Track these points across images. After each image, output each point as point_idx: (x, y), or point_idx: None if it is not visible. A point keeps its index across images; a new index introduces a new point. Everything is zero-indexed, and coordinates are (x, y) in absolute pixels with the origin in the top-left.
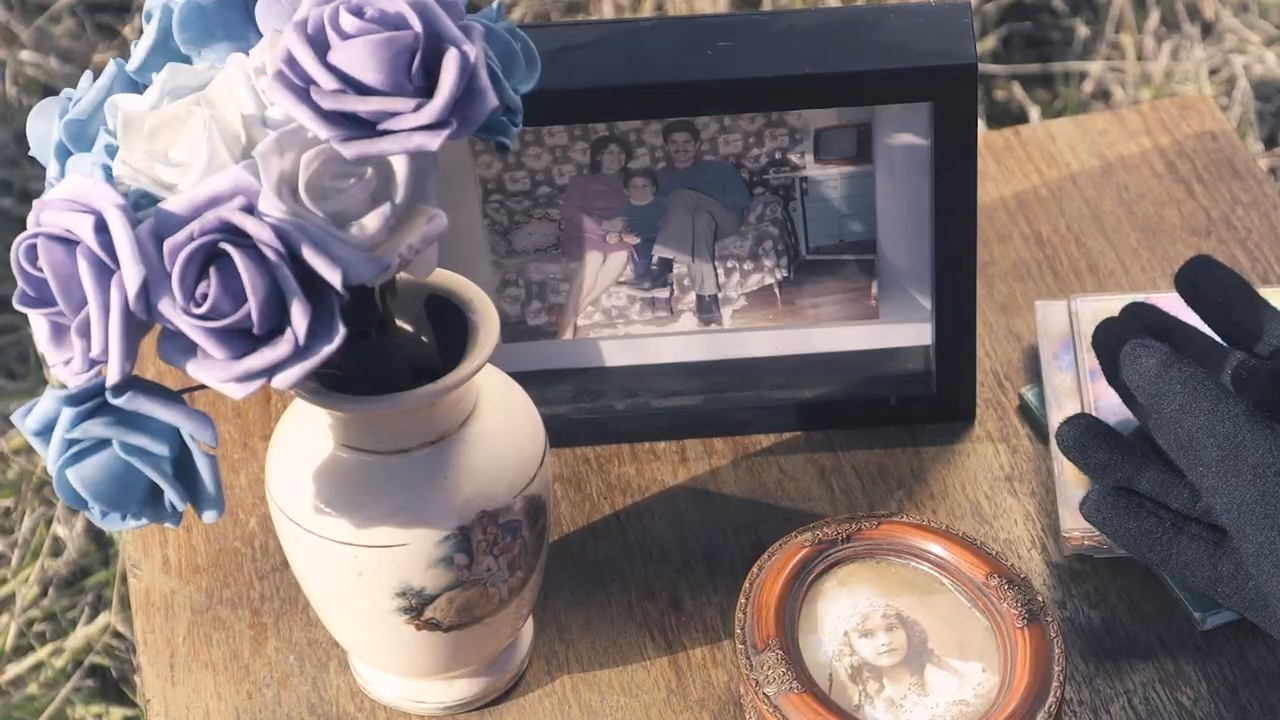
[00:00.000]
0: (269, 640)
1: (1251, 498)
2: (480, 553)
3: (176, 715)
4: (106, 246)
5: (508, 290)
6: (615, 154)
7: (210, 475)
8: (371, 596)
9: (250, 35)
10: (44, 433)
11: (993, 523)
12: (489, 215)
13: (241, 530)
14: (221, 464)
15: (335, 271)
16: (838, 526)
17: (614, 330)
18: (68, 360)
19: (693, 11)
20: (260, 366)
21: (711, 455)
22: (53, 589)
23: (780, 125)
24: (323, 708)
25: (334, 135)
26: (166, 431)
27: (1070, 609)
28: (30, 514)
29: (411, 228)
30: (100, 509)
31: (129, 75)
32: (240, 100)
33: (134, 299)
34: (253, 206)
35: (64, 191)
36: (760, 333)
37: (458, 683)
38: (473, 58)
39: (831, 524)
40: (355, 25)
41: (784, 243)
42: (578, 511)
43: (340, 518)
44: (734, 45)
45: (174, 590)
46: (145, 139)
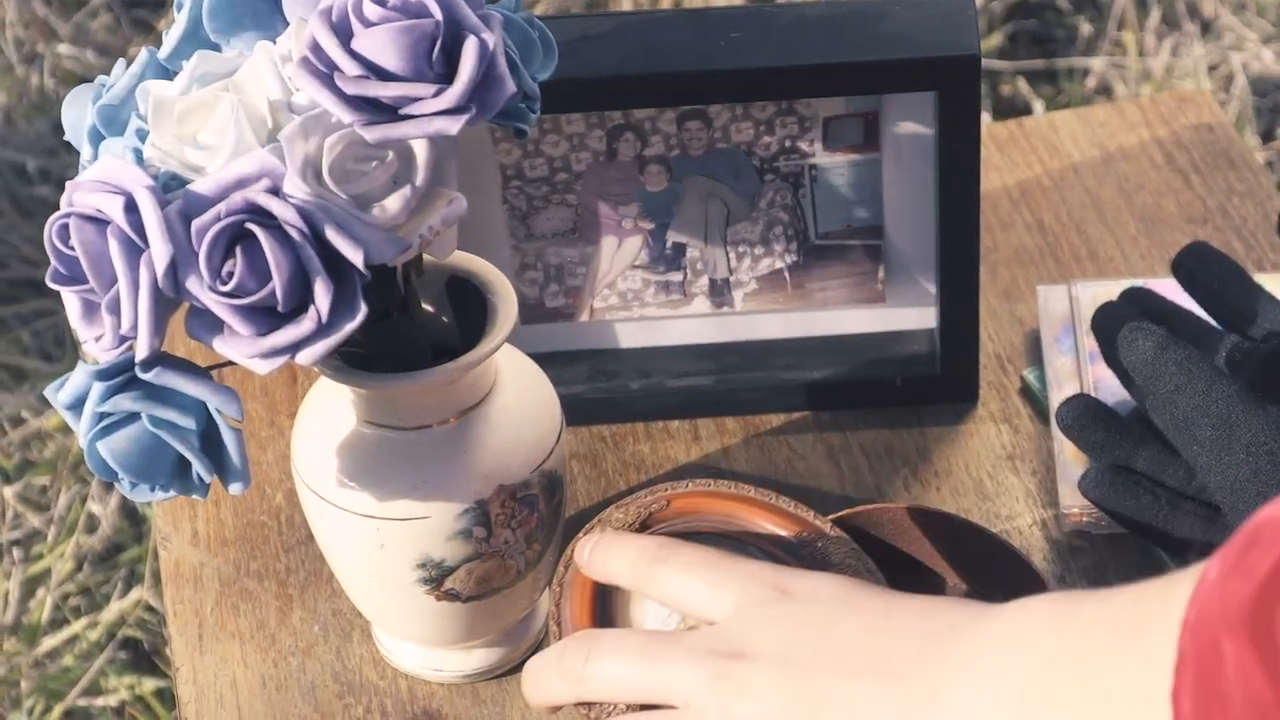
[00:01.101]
0: (294, 611)
1: (1244, 475)
2: (498, 526)
3: (205, 683)
4: (136, 226)
5: (526, 273)
6: (631, 141)
7: (236, 449)
8: (393, 568)
9: (277, 24)
10: (76, 406)
11: (994, 500)
12: (508, 201)
13: (268, 504)
14: (249, 440)
15: (357, 251)
16: (636, 509)
17: (629, 312)
18: (98, 336)
19: (706, 4)
20: (284, 343)
21: (723, 434)
22: (87, 564)
23: (790, 114)
24: (346, 676)
25: (357, 120)
26: (194, 406)
27: (1069, 583)
28: (66, 491)
29: (431, 210)
30: (130, 480)
31: (160, 62)
32: (267, 86)
33: (162, 277)
34: (278, 188)
35: (95, 173)
36: (770, 315)
37: (476, 652)
38: (491, 45)
39: (630, 507)
40: (378, 13)
41: (794, 228)
42: (593, 487)
43: (363, 492)
44: (745, 36)
45: (203, 562)
46: (175, 123)
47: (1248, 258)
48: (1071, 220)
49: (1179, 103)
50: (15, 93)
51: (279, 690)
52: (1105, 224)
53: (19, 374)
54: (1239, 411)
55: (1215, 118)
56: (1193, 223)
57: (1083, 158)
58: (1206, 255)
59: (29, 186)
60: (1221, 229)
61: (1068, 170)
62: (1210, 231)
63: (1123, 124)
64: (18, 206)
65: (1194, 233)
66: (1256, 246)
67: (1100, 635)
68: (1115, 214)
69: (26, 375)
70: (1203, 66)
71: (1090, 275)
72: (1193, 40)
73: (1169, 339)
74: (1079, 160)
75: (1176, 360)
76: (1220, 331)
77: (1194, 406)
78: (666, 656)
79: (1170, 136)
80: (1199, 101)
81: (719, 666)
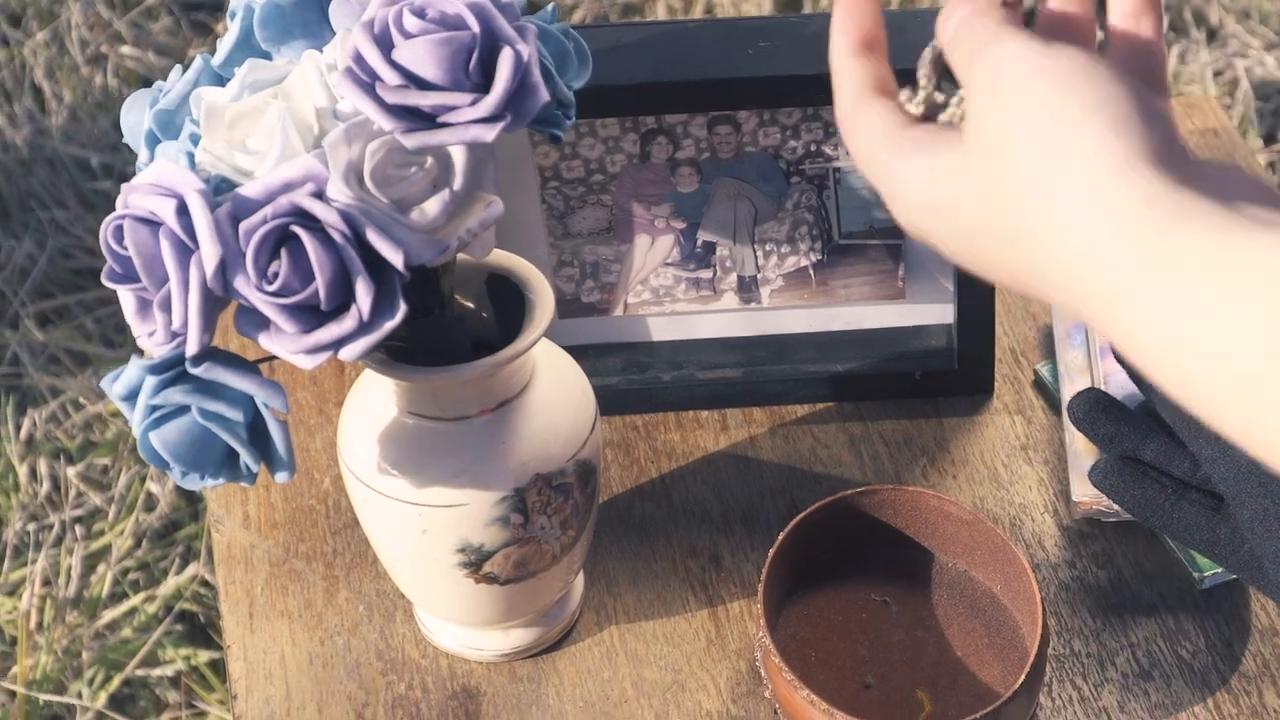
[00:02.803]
0: (340, 591)
1: (1247, 467)
2: (535, 512)
3: (255, 660)
4: (187, 228)
5: (563, 270)
6: (663, 145)
7: (282, 440)
8: (434, 552)
9: (325, 33)
10: (129, 398)
11: (1008, 488)
12: (546, 201)
13: (316, 490)
14: (298, 429)
15: (397, 253)
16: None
17: (661, 308)
18: (151, 332)
19: (736, 14)
20: (327, 340)
21: (750, 424)
22: (146, 541)
23: (816, 119)
24: (389, 654)
25: (397, 127)
26: (242, 399)
27: (1079, 568)
28: (126, 471)
29: (470, 213)
30: (181, 469)
31: (214, 69)
32: (313, 94)
33: (211, 276)
34: (322, 192)
35: (149, 176)
36: (796, 311)
37: (513, 632)
38: (526, 56)
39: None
40: (417, 25)
41: (818, 228)
42: (626, 474)
43: (406, 479)
44: (773, 45)
45: (253, 544)
46: (226, 128)
47: None
48: None
49: (1186, 107)
50: (80, 91)
51: (325, 667)
52: None
53: (82, 359)
54: None
55: (1220, 122)
56: None
57: None
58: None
59: (92, 180)
60: None
61: None
62: None
63: None
64: (82, 199)
65: None
66: None
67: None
68: None
69: (89, 361)
70: (1208, 72)
71: None
72: (1199, 47)
73: None
74: None
75: None
76: None
77: None
78: None
79: None
80: (1204, 106)
81: None
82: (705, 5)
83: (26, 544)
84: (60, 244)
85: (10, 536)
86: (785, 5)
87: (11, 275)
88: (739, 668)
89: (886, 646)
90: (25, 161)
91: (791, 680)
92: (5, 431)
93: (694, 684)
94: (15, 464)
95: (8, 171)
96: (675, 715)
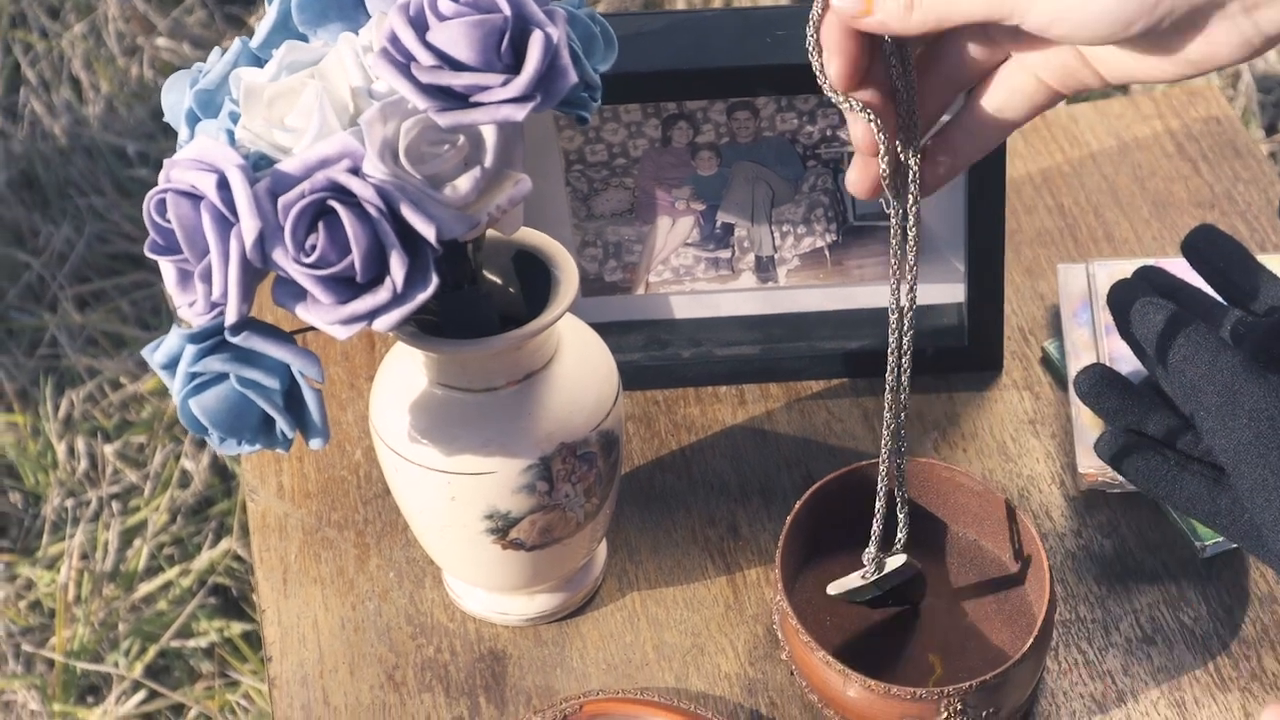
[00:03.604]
0: (371, 558)
1: (1247, 439)
2: (560, 480)
3: (289, 624)
4: (227, 202)
5: (587, 250)
6: (684, 129)
7: (316, 407)
8: (463, 519)
9: (360, 16)
10: (170, 366)
11: (1017, 461)
12: (571, 183)
13: (348, 460)
14: (330, 401)
15: (430, 227)
16: (552, 713)
17: (681, 286)
18: (192, 302)
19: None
20: (362, 311)
21: (767, 398)
22: (180, 516)
23: (831, 105)
24: (419, 618)
25: (431, 106)
26: (278, 367)
27: (1085, 537)
28: (161, 449)
29: (499, 190)
30: (219, 435)
31: (252, 51)
32: (349, 74)
33: (251, 249)
34: (358, 168)
35: (191, 152)
36: (811, 290)
37: (539, 597)
38: (555, 39)
39: (546, 712)
40: (451, 8)
41: (833, 210)
42: (647, 447)
43: (436, 448)
44: (789, 34)
45: (287, 513)
46: (265, 107)
47: (1251, 239)
48: (1089, 204)
49: (1189, 97)
50: (117, 82)
51: (357, 631)
52: (1120, 208)
53: (119, 341)
54: (1242, 380)
55: (1222, 111)
56: (1201, 207)
57: (1100, 147)
58: (1213, 237)
59: (129, 168)
60: (1227, 213)
61: (1086, 159)
62: (1217, 215)
63: (1137, 116)
64: (119, 187)
65: (1202, 216)
66: (1259, 229)
67: None
68: (1130, 199)
69: (125, 342)
70: None
71: (1106, 255)
72: None
73: (1178, 313)
74: (1097, 149)
75: (1185, 333)
76: (1225, 307)
77: (1201, 375)
78: None
79: (1181, 128)
80: (1208, 96)
81: None
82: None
83: (65, 519)
84: (97, 229)
85: (49, 512)
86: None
87: (50, 260)
88: (756, 632)
89: (899, 611)
90: (64, 150)
91: (808, 641)
92: (44, 410)
93: (713, 647)
94: (54, 442)
95: (47, 159)
96: (695, 677)
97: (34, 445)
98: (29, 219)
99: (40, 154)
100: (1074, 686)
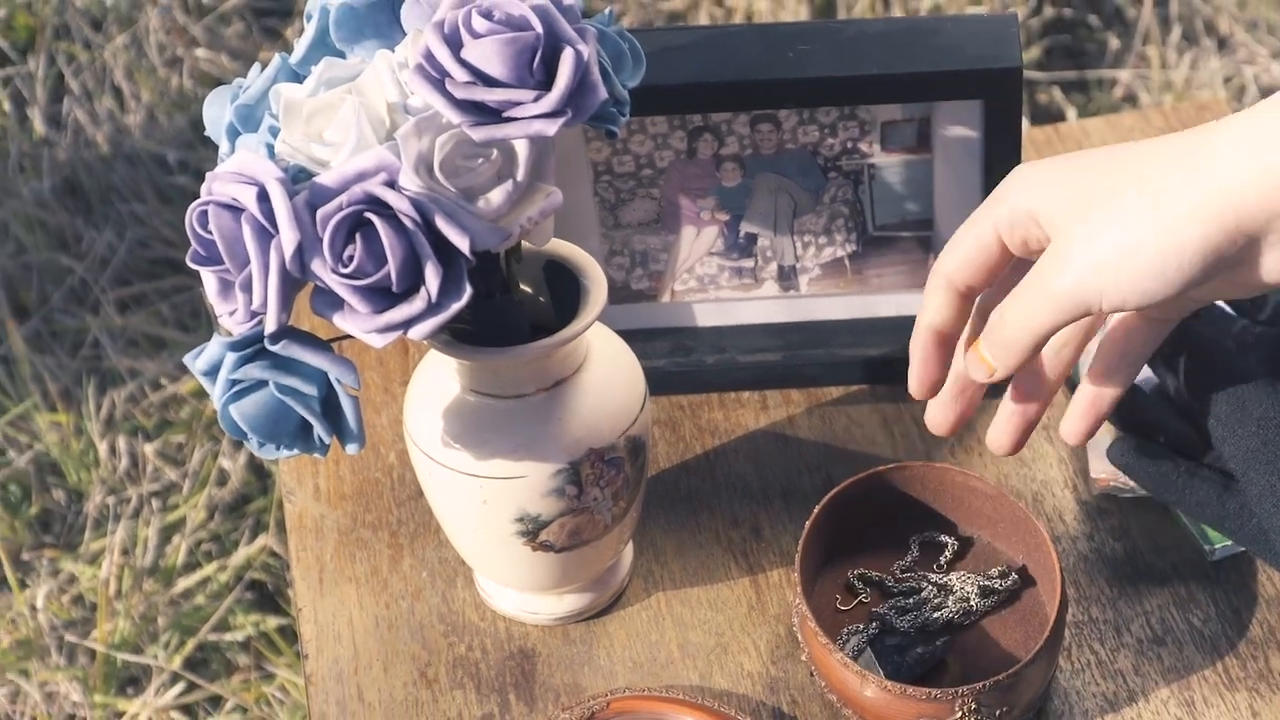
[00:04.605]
0: (405, 559)
1: (1255, 446)
2: (588, 484)
3: (324, 622)
4: (267, 214)
5: (614, 259)
6: (709, 141)
7: (353, 413)
8: (494, 521)
9: (396, 34)
10: (211, 373)
11: (1031, 466)
12: (599, 194)
13: (382, 463)
14: (366, 406)
15: (464, 239)
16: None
17: (705, 295)
18: (232, 311)
19: (776, 19)
20: (398, 320)
21: (789, 404)
22: (218, 514)
23: (851, 118)
24: (451, 617)
25: (465, 121)
26: (316, 375)
27: (1097, 540)
28: (200, 448)
29: (531, 202)
30: (258, 440)
31: (291, 67)
32: (386, 90)
33: (290, 259)
34: (394, 181)
35: (232, 165)
36: (832, 298)
37: (567, 597)
38: (586, 56)
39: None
40: (485, 26)
41: (853, 220)
42: (673, 451)
43: (468, 453)
44: (812, 49)
45: (323, 514)
46: (303, 122)
47: None
48: None
49: (1197, 110)
50: (158, 92)
51: (390, 629)
52: None
53: (159, 343)
54: (1251, 389)
55: None
56: None
57: None
58: None
59: (169, 176)
60: None
61: None
62: None
63: (1147, 129)
64: (159, 194)
65: None
66: None
67: None
68: None
69: (165, 344)
70: (1218, 78)
71: None
72: (1209, 55)
73: (1188, 324)
74: None
75: (1195, 342)
76: (1233, 317)
77: (1211, 384)
78: None
79: None
80: (1216, 109)
81: None
82: (746, 12)
83: (106, 516)
84: (139, 235)
85: (91, 509)
86: (822, 11)
87: (93, 264)
88: (778, 632)
89: None
90: (106, 158)
91: (826, 644)
92: (87, 410)
93: (735, 647)
94: (96, 441)
95: (90, 167)
96: (718, 675)
97: (77, 444)
98: (73, 225)
99: (83, 161)
100: (1086, 686)
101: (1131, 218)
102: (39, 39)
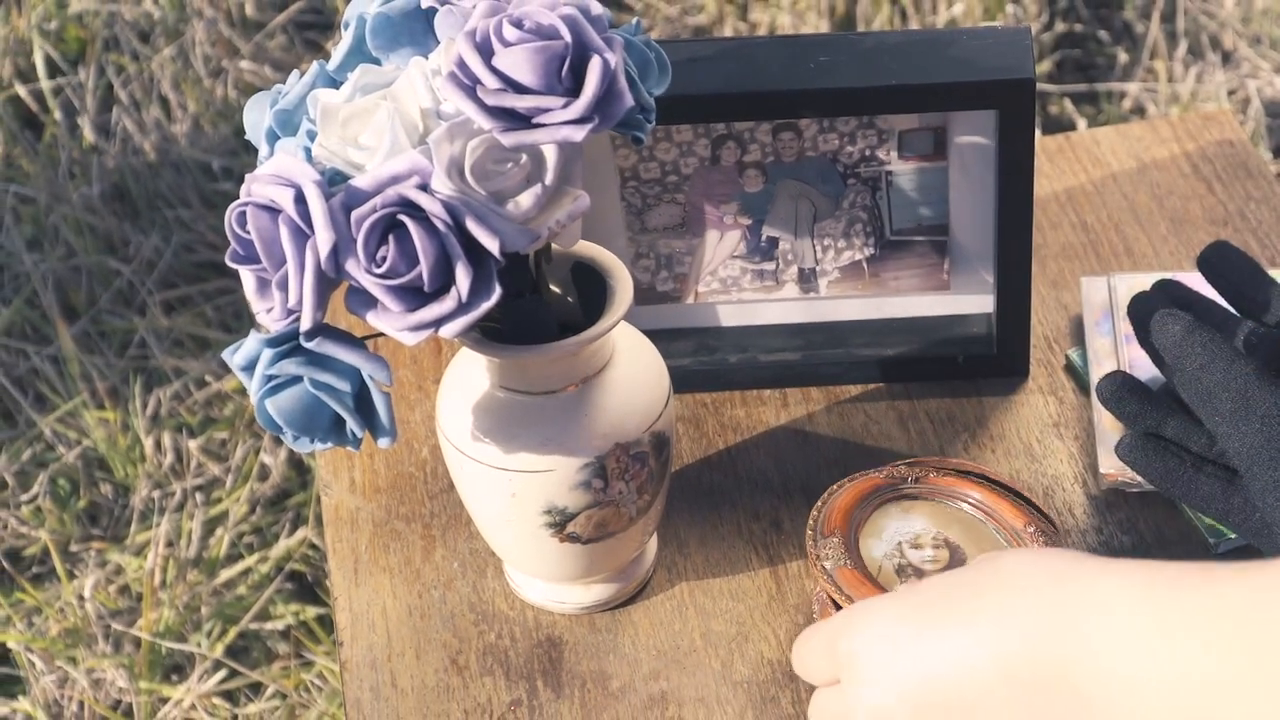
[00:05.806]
0: (437, 550)
1: (1259, 443)
2: (614, 478)
3: (359, 611)
4: (304, 215)
5: (640, 261)
6: (732, 149)
7: (385, 409)
8: (523, 514)
9: (430, 42)
10: (248, 368)
11: (1041, 461)
12: (625, 199)
13: (415, 457)
14: (399, 402)
15: (494, 240)
16: (909, 468)
17: (728, 296)
18: (269, 309)
19: (797, 31)
20: (429, 319)
21: (808, 402)
22: (259, 507)
23: (870, 127)
24: (481, 606)
25: (496, 126)
26: (349, 371)
27: (1105, 534)
28: (242, 445)
29: (559, 206)
30: (293, 434)
31: (329, 74)
32: (419, 96)
33: (325, 260)
34: (426, 185)
35: (270, 168)
36: (850, 300)
37: (594, 587)
38: (613, 65)
39: (904, 465)
40: (515, 35)
41: (871, 225)
42: (696, 446)
43: (498, 447)
44: (832, 60)
45: (358, 507)
46: (340, 126)
47: (1263, 255)
48: (1111, 221)
49: (1204, 121)
50: (203, 102)
51: (423, 618)
52: (1140, 225)
53: (203, 343)
54: (1255, 387)
55: (1235, 134)
56: (1215, 224)
57: (1120, 168)
58: (1227, 252)
59: (213, 182)
60: (1240, 230)
61: (1108, 178)
62: (1230, 232)
63: (1155, 139)
64: (204, 199)
65: (1216, 233)
66: (1270, 245)
67: None
68: (1148, 216)
69: (209, 344)
70: (1223, 91)
71: (1127, 268)
72: (1215, 69)
73: (1194, 324)
74: (1117, 170)
75: (1201, 342)
76: (1238, 318)
77: (1216, 382)
78: None
79: (1196, 150)
80: (1221, 120)
81: None
82: (769, 25)
83: (151, 509)
84: (184, 239)
85: (137, 503)
86: (842, 24)
87: (140, 267)
88: (797, 621)
89: None
90: (153, 165)
91: None
92: (133, 408)
93: (756, 635)
94: (142, 437)
95: (137, 174)
96: (739, 663)
97: (124, 440)
98: (120, 229)
99: (131, 168)
100: None
101: None
102: (89, 50)
